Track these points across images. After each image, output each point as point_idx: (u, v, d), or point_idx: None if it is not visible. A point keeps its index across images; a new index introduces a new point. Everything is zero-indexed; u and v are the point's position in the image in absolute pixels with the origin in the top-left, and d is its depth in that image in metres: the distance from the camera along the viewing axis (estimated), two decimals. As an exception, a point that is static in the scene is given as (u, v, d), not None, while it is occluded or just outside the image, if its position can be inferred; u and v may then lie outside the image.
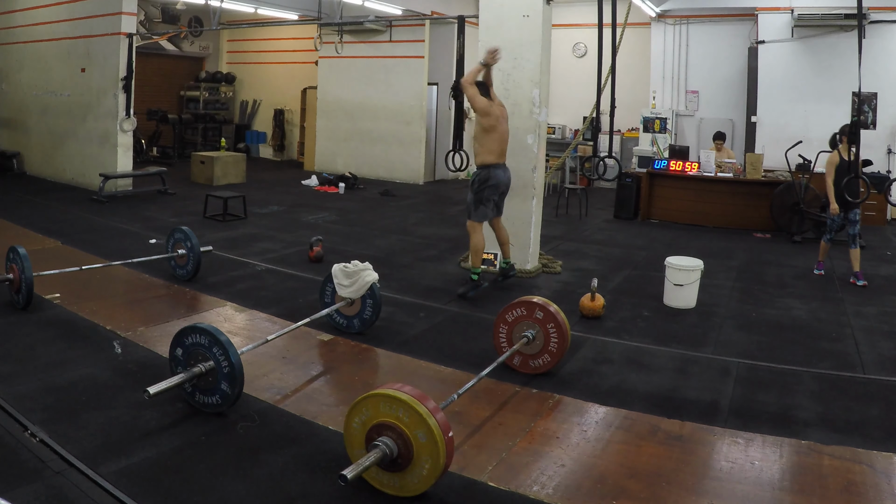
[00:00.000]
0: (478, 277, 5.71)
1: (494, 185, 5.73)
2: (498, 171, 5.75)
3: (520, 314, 4.08)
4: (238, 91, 16.79)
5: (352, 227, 8.57)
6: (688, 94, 12.20)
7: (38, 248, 6.44)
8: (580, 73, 13.11)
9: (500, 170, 5.77)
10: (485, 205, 5.73)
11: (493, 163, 5.72)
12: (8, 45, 11.97)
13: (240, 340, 4.34)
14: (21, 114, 11.83)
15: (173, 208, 9.20)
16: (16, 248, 4.84)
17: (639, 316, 5.34)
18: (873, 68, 9.92)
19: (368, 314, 4.62)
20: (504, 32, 6.30)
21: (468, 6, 11.88)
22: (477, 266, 5.72)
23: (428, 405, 2.68)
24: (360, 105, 13.34)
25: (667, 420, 3.54)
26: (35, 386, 3.57)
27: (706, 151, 9.66)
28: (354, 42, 13.12)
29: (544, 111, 6.40)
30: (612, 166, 7.81)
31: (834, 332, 5.08)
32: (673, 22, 12.14)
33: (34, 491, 2.63)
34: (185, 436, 3.16)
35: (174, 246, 5.86)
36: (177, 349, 3.45)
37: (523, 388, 3.91)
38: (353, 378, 4.02)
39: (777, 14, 10.79)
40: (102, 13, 10.02)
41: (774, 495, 2.86)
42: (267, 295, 5.53)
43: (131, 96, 10.07)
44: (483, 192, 5.70)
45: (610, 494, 2.83)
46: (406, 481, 2.72)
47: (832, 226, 6.64)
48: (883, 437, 3.39)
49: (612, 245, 8.10)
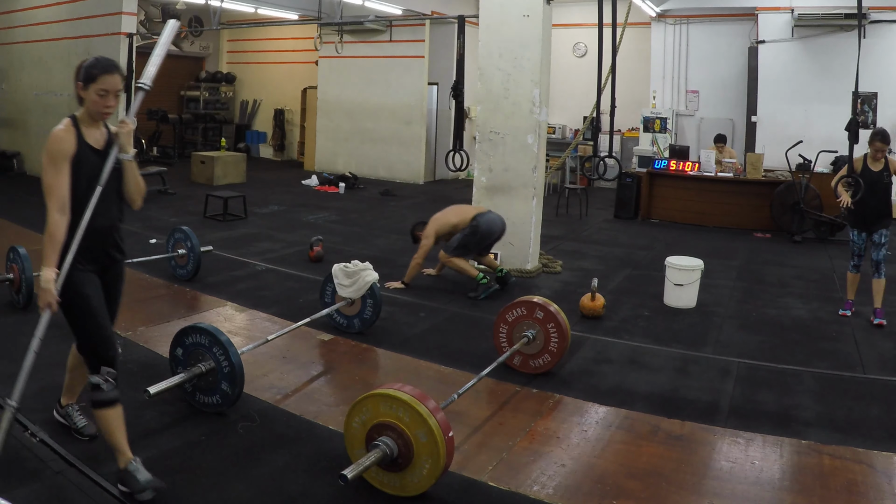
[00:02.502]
0: (486, 279, 5.71)
1: (486, 234, 5.72)
2: (486, 217, 5.74)
3: (520, 314, 4.08)
4: (238, 91, 16.79)
5: (352, 227, 8.57)
6: (688, 93, 12.20)
7: (38, 248, 6.36)
8: (580, 72, 13.10)
9: (487, 216, 5.76)
10: (466, 248, 5.72)
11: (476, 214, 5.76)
12: (8, 45, 11.97)
13: (240, 340, 4.34)
14: (21, 114, 11.83)
15: (173, 208, 9.20)
16: (16, 248, 4.84)
17: (639, 316, 5.34)
18: (873, 68, 9.92)
19: (368, 314, 4.62)
20: (504, 32, 6.30)
21: (468, 6, 11.88)
22: (475, 274, 5.72)
23: (428, 405, 2.68)
24: (360, 105, 13.34)
25: (667, 420, 3.54)
26: (35, 386, 3.56)
27: (706, 151, 9.66)
28: (354, 42, 13.12)
29: (544, 111, 6.40)
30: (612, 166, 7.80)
31: (834, 332, 5.07)
32: (673, 22, 12.14)
33: (34, 491, 2.63)
34: (185, 436, 3.16)
35: (174, 246, 5.87)
36: (177, 349, 3.45)
37: (523, 387, 3.91)
38: (354, 378, 4.02)
39: (777, 14, 10.79)
40: (102, 13, 10.03)
41: (775, 495, 2.86)
42: (267, 295, 5.53)
43: (131, 96, 10.05)
44: (469, 239, 5.70)
45: (610, 494, 2.83)
46: (406, 481, 2.72)
47: (854, 248, 5.39)
48: (883, 437, 3.38)
49: (613, 245, 8.10)
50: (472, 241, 5.71)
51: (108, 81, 2.57)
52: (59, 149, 2.53)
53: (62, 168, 2.51)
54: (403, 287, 5.76)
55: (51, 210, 2.48)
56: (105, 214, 2.62)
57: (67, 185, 2.52)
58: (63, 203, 2.49)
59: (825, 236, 8.57)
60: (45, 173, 2.52)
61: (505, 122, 6.37)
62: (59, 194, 2.50)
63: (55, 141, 2.53)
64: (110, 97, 2.59)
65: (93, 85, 2.56)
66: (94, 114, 2.62)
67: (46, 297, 2.47)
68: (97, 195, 2.55)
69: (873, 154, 5.19)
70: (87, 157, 2.60)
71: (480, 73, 6.47)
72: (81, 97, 2.61)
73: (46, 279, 2.44)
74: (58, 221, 2.47)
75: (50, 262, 2.46)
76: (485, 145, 6.51)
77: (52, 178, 2.50)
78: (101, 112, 2.61)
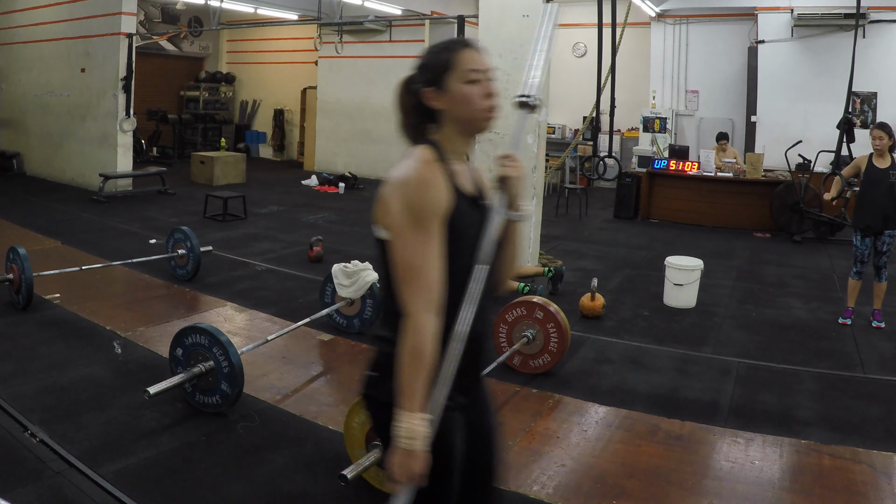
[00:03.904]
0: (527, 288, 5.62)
1: None
2: None
3: (520, 314, 4.08)
4: (238, 91, 16.78)
5: (352, 227, 8.56)
6: (687, 93, 12.19)
7: (38, 248, 6.43)
8: (580, 72, 13.09)
9: None
10: None
11: None
12: (8, 45, 11.97)
13: (240, 340, 4.34)
14: (21, 114, 11.83)
15: (173, 208, 9.20)
16: (16, 248, 4.84)
17: (639, 316, 5.34)
18: (873, 68, 9.92)
19: (368, 314, 4.62)
20: (504, 32, 6.29)
21: (468, 6, 11.87)
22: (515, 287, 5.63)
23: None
24: (360, 105, 13.33)
25: (667, 420, 3.54)
26: (35, 386, 3.57)
27: (706, 151, 9.66)
28: (354, 42, 13.11)
29: (544, 111, 6.40)
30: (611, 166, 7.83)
31: (834, 331, 5.07)
32: (673, 22, 12.14)
33: (34, 491, 2.63)
34: (185, 436, 3.16)
35: (174, 246, 5.86)
36: (177, 349, 3.45)
37: (523, 387, 3.91)
38: (353, 378, 4.01)
39: (777, 14, 10.78)
40: (102, 13, 10.02)
41: (774, 495, 2.86)
42: (267, 295, 5.53)
43: (131, 96, 10.07)
44: None
45: (610, 494, 2.83)
46: (406, 481, 2.72)
47: (857, 254, 5.16)
48: (883, 437, 3.39)
49: (612, 245, 8.10)
50: None
51: (473, 58, 1.61)
52: (428, 200, 1.50)
53: (434, 234, 1.51)
54: None
55: (414, 307, 1.48)
56: (480, 314, 1.57)
57: (442, 264, 1.52)
58: (436, 296, 1.50)
59: (825, 236, 8.57)
60: (401, 241, 1.51)
61: (505, 122, 6.37)
62: (429, 280, 1.49)
63: (421, 186, 1.51)
64: (487, 82, 1.62)
65: (453, 73, 1.59)
66: (472, 121, 1.62)
67: (411, 464, 1.44)
68: (481, 279, 1.55)
69: (873, 143, 5.01)
70: (466, 214, 1.59)
71: (480, 73, 6.46)
72: (434, 108, 1.63)
73: (411, 432, 1.43)
74: (427, 328, 1.47)
75: (416, 401, 1.45)
76: (484, 145, 6.51)
77: (419, 251, 1.49)
78: (486, 113, 1.62)
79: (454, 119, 1.61)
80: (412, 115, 1.66)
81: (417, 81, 1.63)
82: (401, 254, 1.50)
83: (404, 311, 1.48)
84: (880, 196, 5.00)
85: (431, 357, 1.45)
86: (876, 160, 5.06)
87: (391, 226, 1.51)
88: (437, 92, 1.60)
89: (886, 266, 5.18)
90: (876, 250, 5.13)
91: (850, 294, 5.27)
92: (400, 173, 1.54)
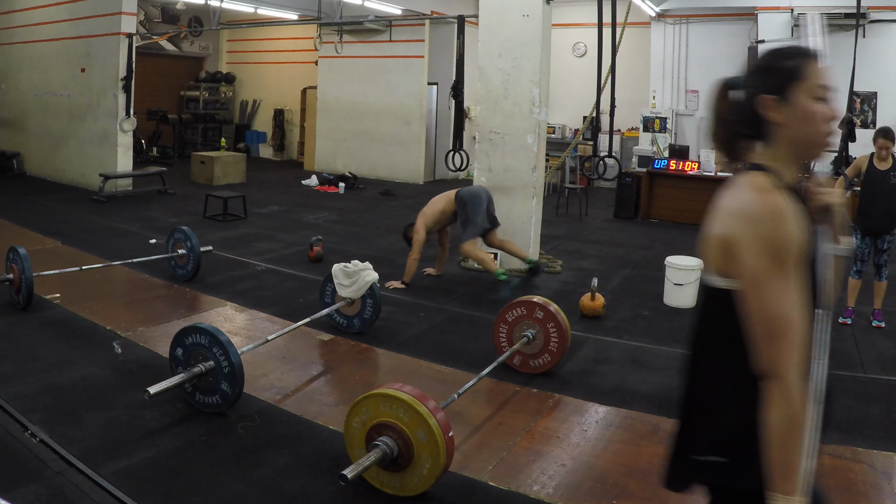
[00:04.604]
0: (505, 276, 5.73)
1: (473, 199, 5.84)
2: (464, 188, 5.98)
3: (520, 314, 4.08)
4: (238, 91, 16.78)
5: (352, 227, 8.56)
6: (687, 93, 12.19)
7: (38, 248, 6.43)
8: (580, 72, 13.09)
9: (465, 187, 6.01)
10: (472, 222, 5.81)
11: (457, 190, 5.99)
12: (8, 45, 11.97)
13: (240, 340, 4.34)
14: (21, 114, 11.83)
15: (173, 208, 9.20)
16: (16, 248, 4.84)
17: (639, 315, 5.34)
18: (873, 68, 9.92)
19: (368, 314, 4.62)
20: (504, 32, 6.30)
21: (468, 6, 11.87)
22: (495, 269, 5.76)
23: (428, 405, 2.68)
24: (360, 105, 13.33)
25: (667, 420, 3.53)
26: (35, 386, 3.57)
27: (706, 151, 9.65)
28: (354, 42, 13.11)
29: (544, 111, 6.40)
30: (611, 166, 7.81)
31: (834, 331, 5.06)
32: (673, 21, 12.14)
33: (34, 491, 2.63)
34: (185, 436, 3.16)
35: (174, 246, 5.86)
36: (177, 349, 3.45)
37: (523, 387, 3.91)
38: (353, 378, 4.02)
39: (777, 14, 10.78)
40: (102, 13, 10.02)
41: (774, 495, 2.86)
42: (267, 295, 5.53)
43: (131, 96, 10.07)
44: (465, 212, 5.82)
45: (610, 494, 2.83)
46: (406, 481, 2.72)
47: (857, 253, 5.17)
48: (883, 437, 3.39)
49: (613, 245, 8.10)
50: (469, 213, 5.80)
51: (823, 72, 1.42)
52: (788, 238, 1.28)
53: (795, 279, 1.30)
54: (403, 287, 5.76)
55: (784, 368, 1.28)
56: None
57: (806, 315, 1.32)
58: (803, 354, 1.31)
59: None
60: (762, 290, 1.29)
61: (505, 122, 6.38)
62: (797, 335, 1.29)
63: (777, 220, 1.28)
64: (833, 104, 1.40)
65: (801, 83, 1.38)
66: (810, 145, 1.40)
67: None
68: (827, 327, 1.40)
69: (878, 152, 5.05)
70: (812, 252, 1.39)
71: (480, 73, 6.47)
72: (768, 120, 1.40)
73: None
74: (801, 392, 1.29)
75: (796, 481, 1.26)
76: (484, 145, 6.51)
77: (783, 300, 1.27)
78: (826, 139, 1.40)
79: (790, 138, 1.38)
80: (736, 125, 1.43)
81: (752, 86, 1.41)
82: (763, 305, 1.27)
83: (770, 373, 1.27)
84: (881, 198, 5.03)
85: (803, 432, 1.26)
86: (876, 162, 5.10)
87: (745, 272, 1.29)
88: (778, 102, 1.37)
89: (887, 265, 5.19)
90: (877, 249, 5.15)
91: (849, 293, 5.28)
92: (742, 206, 1.31)
